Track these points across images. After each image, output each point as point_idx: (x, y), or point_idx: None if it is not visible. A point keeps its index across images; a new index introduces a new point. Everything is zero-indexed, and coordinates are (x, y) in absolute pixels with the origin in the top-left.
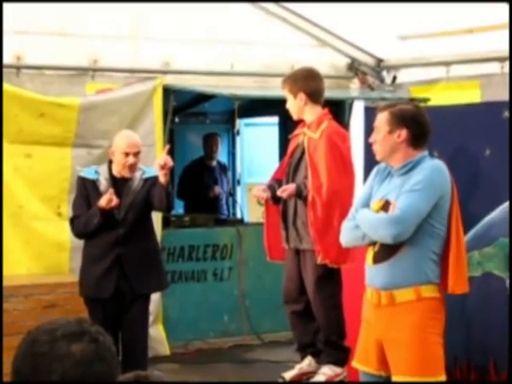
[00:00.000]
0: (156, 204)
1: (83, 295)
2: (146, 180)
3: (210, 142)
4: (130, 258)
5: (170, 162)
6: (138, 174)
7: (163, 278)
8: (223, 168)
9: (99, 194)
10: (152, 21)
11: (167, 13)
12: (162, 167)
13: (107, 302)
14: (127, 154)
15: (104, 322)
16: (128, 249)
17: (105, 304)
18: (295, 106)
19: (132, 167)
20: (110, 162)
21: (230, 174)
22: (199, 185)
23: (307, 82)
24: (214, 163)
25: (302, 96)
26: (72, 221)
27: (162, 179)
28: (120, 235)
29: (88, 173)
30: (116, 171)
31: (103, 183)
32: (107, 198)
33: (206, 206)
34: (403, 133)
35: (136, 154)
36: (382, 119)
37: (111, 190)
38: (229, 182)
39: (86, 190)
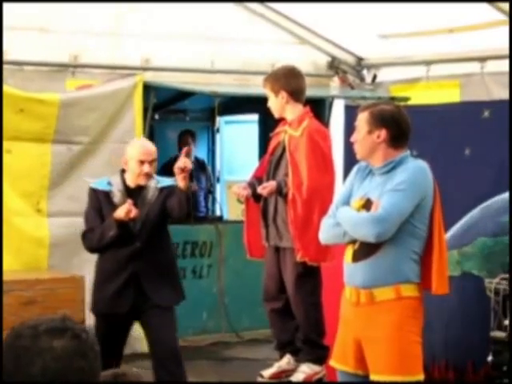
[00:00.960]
0: (176, 211)
1: (95, 312)
2: (162, 190)
3: (185, 139)
4: (147, 273)
5: (190, 165)
6: (152, 184)
7: (180, 290)
8: (201, 165)
9: (113, 206)
10: (133, 17)
11: (148, 9)
12: (182, 170)
13: (121, 317)
14: (142, 163)
15: (110, 336)
16: (145, 264)
17: (118, 319)
18: (276, 104)
19: (148, 176)
20: (123, 172)
21: (209, 170)
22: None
23: (288, 80)
24: (192, 160)
25: (283, 94)
26: (85, 234)
27: (182, 183)
28: (136, 249)
29: (100, 184)
30: (130, 181)
31: (117, 195)
32: (126, 209)
33: None
34: (382, 133)
35: (151, 163)
36: (361, 119)
37: (130, 201)
38: (208, 178)
39: (98, 202)
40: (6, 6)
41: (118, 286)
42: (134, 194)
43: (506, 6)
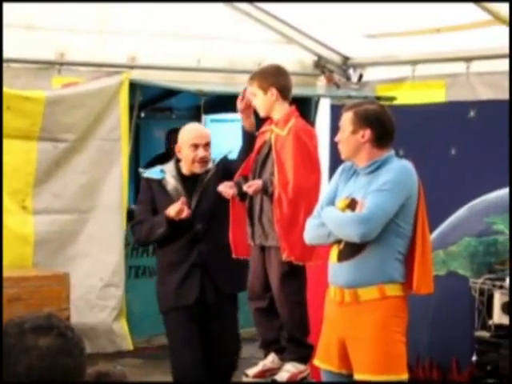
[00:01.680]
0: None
1: (162, 310)
2: (217, 165)
3: (173, 137)
4: (212, 257)
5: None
6: (210, 166)
7: (245, 276)
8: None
9: (167, 195)
10: (119, 15)
11: (134, 7)
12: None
13: (190, 309)
14: (196, 147)
15: (185, 331)
16: (208, 247)
17: (186, 312)
18: (265, 101)
19: (203, 161)
20: (177, 161)
21: None
22: None
23: (278, 77)
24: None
25: (273, 91)
26: (134, 226)
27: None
28: (198, 232)
29: (153, 173)
30: (185, 169)
31: (170, 182)
32: (178, 209)
33: None
34: (367, 133)
35: (206, 146)
36: (346, 119)
37: (183, 199)
38: None
39: (151, 191)
40: None
41: (181, 276)
42: (190, 181)
43: (491, 5)
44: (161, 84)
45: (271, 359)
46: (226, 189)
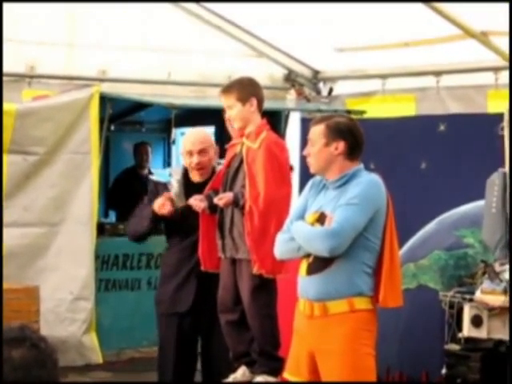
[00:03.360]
0: None
1: (158, 311)
2: None
3: (140, 150)
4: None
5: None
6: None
7: None
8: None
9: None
10: (90, 28)
11: (105, 20)
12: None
13: (183, 316)
14: (191, 154)
15: (179, 338)
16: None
17: (180, 318)
18: (243, 113)
19: (198, 168)
20: (186, 169)
21: None
22: (130, 194)
23: (255, 88)
24: (146, 172)
25: (253, 102)
26: (129, 220)
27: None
28: (197, 240)
29: (161, 176)
30: (191, 176)
31: (174, 185)
32: (159, 204)
33: None
34: (340, 145)
35: (201, 152)
36: (317, 132)
37: (166, 194)
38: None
39: (155, 193)
40: None
41: (178, 283)
42: (194, 188)
43: (462, 20)
44: (131, 97)
45: (242, 372)
46: (197, 202)
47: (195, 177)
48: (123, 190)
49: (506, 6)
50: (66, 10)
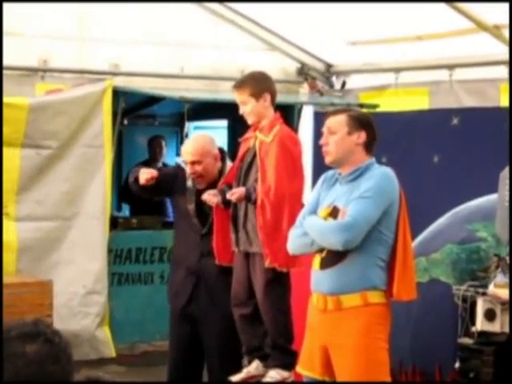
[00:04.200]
0: None
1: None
2: None
3: (154, 144)
4: (211, 261)
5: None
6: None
7: None
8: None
9: (184, 187)
10: (102, 22)
11: (117, 14)
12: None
13: (181, 311)
14: (186, 163)
15: (174, 332)
16: (208, 261)
17: (179, 313)
18: (257, 107)
19: (194, 176)
20: None
21: None
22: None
23: (269, 83)
24: (159, 166)
25: (266, 97)
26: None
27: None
28: (203, 235)
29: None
30: None
31: (190, 179)
32: (145, 178)
33: (151, 209)
34: (362, 135)
35: (194, 163)
36: (339, 121)
37: (153, 172)
38: None
39: (175, 173)
40: None
41: (180, 277)
42: (201, 193)
43: (474, 13)
44: (144, 91)
45: (255, 366)
46: (210, 197)
47: (198, 185)
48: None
49: None
50: (79, 3)
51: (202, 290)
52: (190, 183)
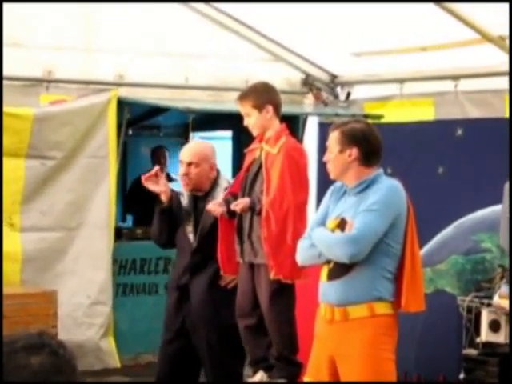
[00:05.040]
0: None
1: None
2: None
3: (158, 154)
4: (197, 288)
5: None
6: (219, 191)
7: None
8: (172, 180)
9: (181, 208)
10: (107, 32)
11: (122, 25)
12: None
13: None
14: (181, 163)
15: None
16: (196, 279)
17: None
18: (260, 120)
19: (184, 178)
20: None
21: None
22: (148, 198)
23: (271, 94)
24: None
25: (268, 108)
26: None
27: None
28: (188, 264)
29: (178, 185)
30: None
31: (185, 196)
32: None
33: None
34: (354, 152)
35: (190, 165)
36: (333, 138)
37: (156, 167)
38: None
39: (176, 201)
40: None
41: (175, 298)
42: (198, 200)
43: (479, 24)
44: (149, 102)
45: (260, 377)
46: (215, 207)
47: (183, 188)
48: (141, 195)
49: None
50: (83, 14)
51: (191, 306)
52: (184, 201)
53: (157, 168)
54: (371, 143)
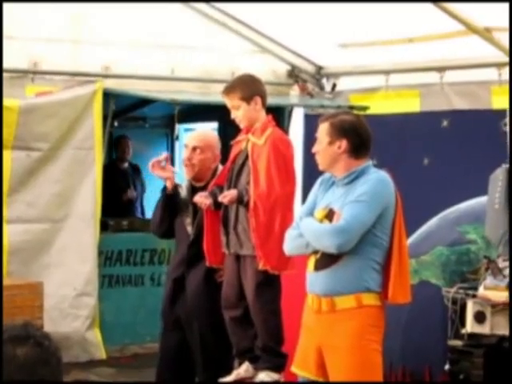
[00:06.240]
0: None
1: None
2: None
3: (121, 143)
4: (192, 280)
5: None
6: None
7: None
8: (136, 170)
9: (179, 200)
10: (93, 24)
11: (108, 17)
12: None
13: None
14: (186, 147)
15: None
16: (192, 271)
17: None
18: (249, 111)
19: (187, 163)
20: None
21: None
22: (111, 188)
23: (258, 86)
24: (126, 165)
25: (257, 100)
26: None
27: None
28: (186, 255)
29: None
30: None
31: (183, 188)
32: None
33: (119, 210)
34: (343, 144)
35: (195, 149)
36: (322, 130)
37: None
38: (143, 184)
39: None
40: None
41: (168, 292)
42: (198, 191)
43: (464, 15)
44: (134, 93)
45: (245, 368)
46: (202, 199)
47: (186, 173)
48: (104, 184)
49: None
50: (70, 6)
51: (186, 298)
52: (183, 193)
53: (165, 154)
54: (361, 135)
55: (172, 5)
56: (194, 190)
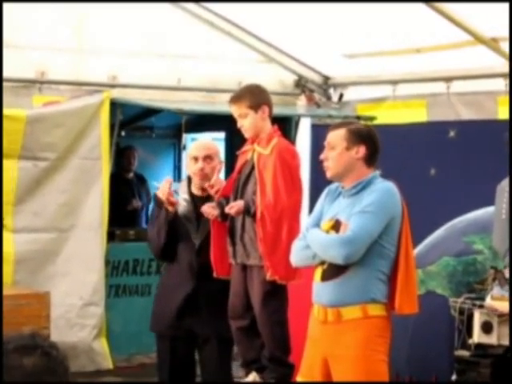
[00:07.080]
0: None
1: (156, 332)
2: None
3: (127, 154)
4: (207, 293)
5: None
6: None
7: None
8: (141, 180)
9: (178, 217)
10: (100, 34)
11: (115, 26)
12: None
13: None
14: (196, 159)
15: (173, 360)
16: (205, 283)
17: (178, 342)
18: (256, 120)
19: (200, 173)
20: (189, 179)
21: (148, 185)
22: (117, 198)
23: (265, 95)
24: (131, 175)
25: (265, 109)
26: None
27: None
28: (195, 267)
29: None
30: (195, 188)
31: (182, 204)
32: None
33: (124, 219)
34: (361, 149)
35: (206, 159)
36: (338, 135)
37: (168, 178)
38: (148, 194)
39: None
40: None
41: (178, 304)
42: (201, 202)
43: (472, 26)
44: (141, 103)
45: (252, 378)
46: (210, 209)
47: (196, 185)
48: (109, 194)
49: None
50: (76, 15)
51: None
52: (182, 208)
53: (169, 180)
54: (375, 143)
55: (179, 14)
56: (196, 201)
